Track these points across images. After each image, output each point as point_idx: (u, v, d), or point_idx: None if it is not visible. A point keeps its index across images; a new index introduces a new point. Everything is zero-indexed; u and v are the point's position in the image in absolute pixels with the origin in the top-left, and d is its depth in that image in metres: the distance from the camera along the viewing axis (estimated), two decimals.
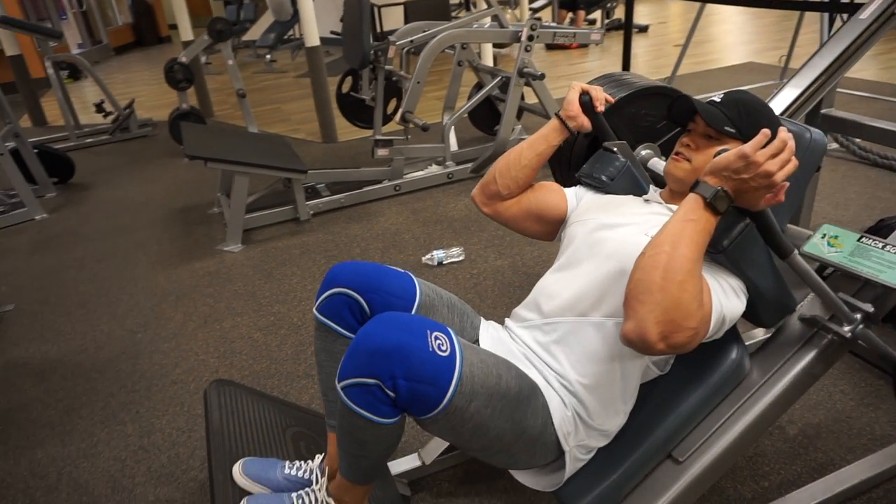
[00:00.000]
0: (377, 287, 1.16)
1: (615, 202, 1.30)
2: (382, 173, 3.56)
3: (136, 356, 2.29)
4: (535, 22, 3.27)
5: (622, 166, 1.37)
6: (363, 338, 0.96)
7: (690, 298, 0.90)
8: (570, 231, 1.28)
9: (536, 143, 1.34)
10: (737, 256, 1.05)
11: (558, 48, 7.49)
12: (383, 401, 0.94)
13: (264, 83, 7.07)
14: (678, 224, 0.94)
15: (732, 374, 1.17)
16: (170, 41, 11.42)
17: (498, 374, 1.03)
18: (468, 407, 0.97)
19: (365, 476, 1.10)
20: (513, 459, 1.12)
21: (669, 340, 0.90)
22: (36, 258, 3.16)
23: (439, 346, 0.96)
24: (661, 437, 1.15)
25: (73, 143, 4.99)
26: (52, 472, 1.78)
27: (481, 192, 1.39)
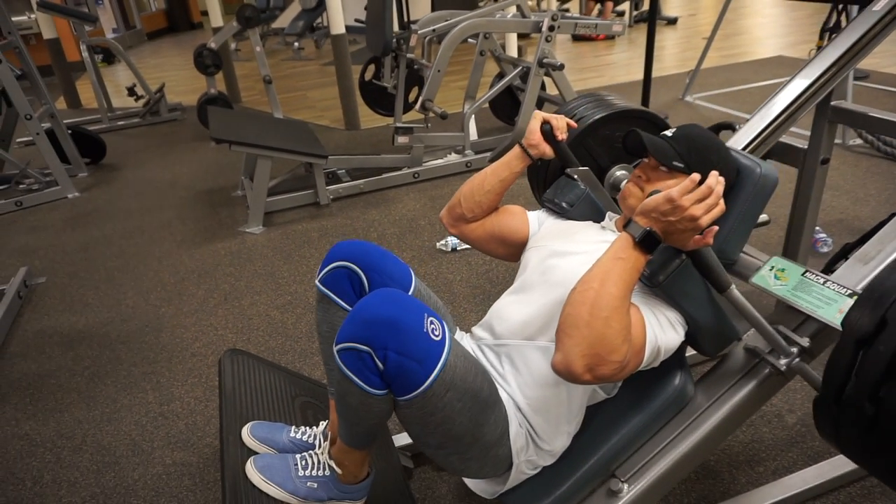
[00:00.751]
0: (378, 267, 1.22)
1: (572, 229, 1.33)
2: (402, 160, 3.62)
3: (158, 329, 2.38)
4: (556, 12, 3.29)
5: (582, 193, 1.41)
6: (363, 306, 1.00)
7: (615, 334, 0.93)
8: (526, 256, 1.33)
9: (499, 170, 1.37)
10: (673, 291, 1.08)
11: (584, 39, 7.45)
12: (372, 370, 0.98)
13: (291, 70, 7.17)
14: (608, 262, 0.97)
15: (676, 399, 1.20)
16: (201, 27, 11.60)
17: (475, 373, 1.08)
18: (444, 395, 1.00)
19: (360, 441, 1.16)
20: (464, 465, 1.14)
21: (595, 372, 0.93)
22: (67, 234, 3.29)
23: (433, 329, 1.00)
24: (605, 457, 1.18)
25: (106, 126, 5.14)
26: (77, 434, 1.88)
27: (448, 214, 1.44)
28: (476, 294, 2.44)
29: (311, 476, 1.20)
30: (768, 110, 1.65)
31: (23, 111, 3.50)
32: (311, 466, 1.20)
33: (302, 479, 1.19)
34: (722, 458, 1.59)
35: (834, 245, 2.49)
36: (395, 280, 1.22)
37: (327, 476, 1.20)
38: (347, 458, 1.19)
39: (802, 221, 1.83)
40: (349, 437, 1.15)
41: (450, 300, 2.41)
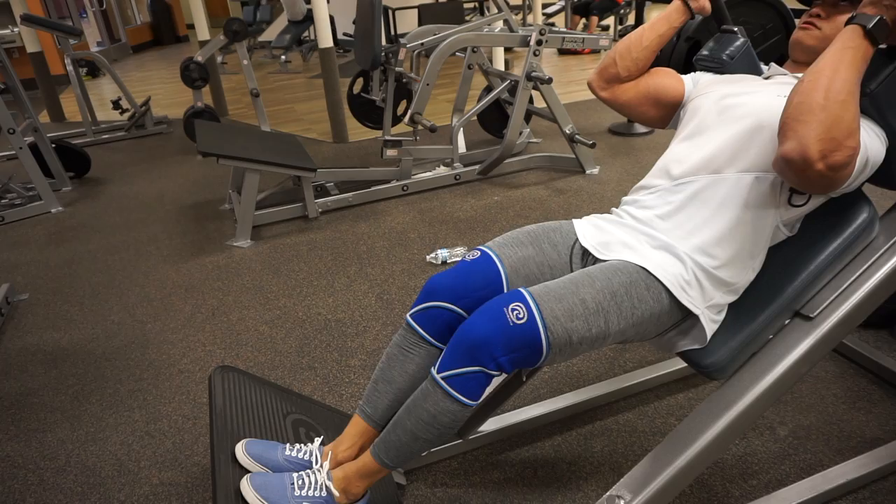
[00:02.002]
0: (465, 292, 1.23)
1: (736, 78, 1.34)
2: (391, 173, 3.61)
3: (144, 345, 2.35)
4: (543, 27, 3.32)
5: (742, 46, 1.40)
6: (462, 335, 1.10)
7: (852, 118, 0.94)
8: (694, 104, 1.33)
9: (658, 25, 1.38)
10: (882, 101, 1.07)
11: (570, 53, 7.53)
12: (483, 383, 1.10)
13: (278, 83, 7.16)
14: (837, 52, 0.98)
15: (863, 233, 1.19)
16: (187, 41, 11.58)
17: (581, 299, 1.10)
18: (570, 340, 1.09)
19: (406, 459, 1.20)
20: (644, 335, 1.21)
21: (829, 160, 0.93)
22: (51, 250, 3.24)
23: (517, 315, 1.06)
24: (790, 295, 1.18)
25: (90, 139, 5.09)
26: (61, 454, 1.84)
27: (599, 77, 1.44)
28: None
29: (308, 496, 1.18)
30: None
31: (5, 125, 3.46)
32: (307, 486, 1.19)
33: (298, 498, 1.17)
34: (715, 472, 1.59)
35: None
36: (483, 287, 1.23)
37: (323, 497, 1.19)
38: (367, 480, 1.21)
39: None
40: (398, 458, 1.19)
41: None
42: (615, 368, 2.01)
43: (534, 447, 1.72)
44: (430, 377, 1.13)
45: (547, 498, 1.56)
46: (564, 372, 2.02)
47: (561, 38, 3.40)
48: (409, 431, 1.16)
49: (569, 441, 1.74)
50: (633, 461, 1.63)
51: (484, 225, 3.14)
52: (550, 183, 3.64)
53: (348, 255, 2.94)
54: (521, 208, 3.31)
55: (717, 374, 1.23)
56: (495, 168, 3.68)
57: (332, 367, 2.13)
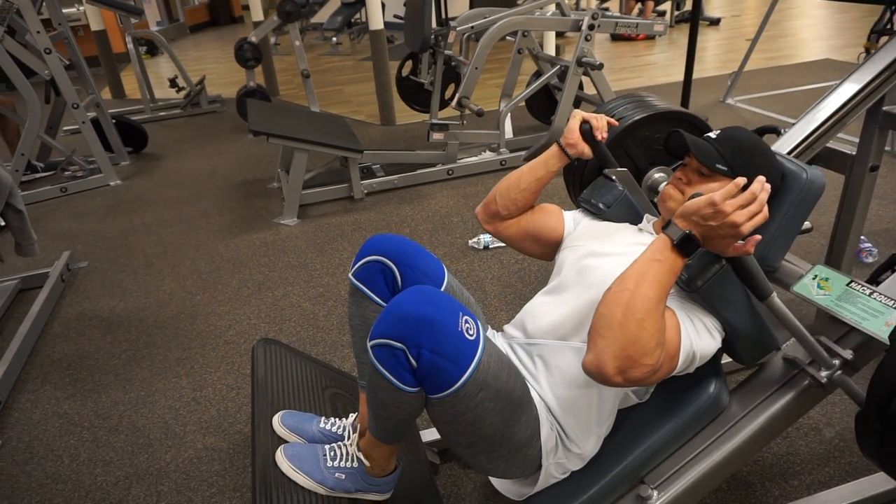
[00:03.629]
0: (411, 262, 1.21)
1: (609, 230, 1.31)
2: (436, 157, 3.62)
3: (193, 316, 2.43)
4: (597, 11, 3.25)
5: (619, 195, 1.39)
6: (398, 303, 1.00)
7: (648, 337, 0.91)
8: (562, 256, 1.31)
9: (536, 168, 1.36)
10: (711, 296, 1.06)
11: (624, 39, 7.35)
12: (406, 367, 0.97)
13: (328, 65, 7.23)
14: (644, 263, 0.95)
15: (710, 407, 1.17)
16: (242, 22, 11.78)
17: (508, 373, 1.07)
18: (476, 395, 1.00)
19: (389, 435, 1.16)
20: (493, 465, 1.14)
21: (626, 375, 0.91)
22: (109, 221, 3.38)
23: (468, 329, 0.99)
24: (634, 462, 1.16)
25: (148, 116, 5.26)
26: (114, 415, 1.93)
27: (483, 211, 1.43)
28: (507, 293, 2.44)
29: (340, 467, 1.21)
30: (816, 114, 1.60)
31: (70, 100, 3.61)
32: (339, 457, 1.21)
33: (330, 469, 1.20)
34: (755, 470, 1.56)
35: (879, 255, 2.41)
36: (427, 275, 1.22)
37: (355, 468, 1.21)
38: (376, 452, 1.20)
39: (848, 230, 1.77)
40: (379, 431, 1.15)
41: (481, 298, 2.40)
42: None
43: None
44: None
45: None
46: None
47: (614, 23, 3.33)
48: (373, 409, 1.11)
49: None
50: None
51: None
52: None
53: None
54: (565, 196, 3.26)
55: None
56: None
57: None
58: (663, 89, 5.20)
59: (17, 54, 3.36)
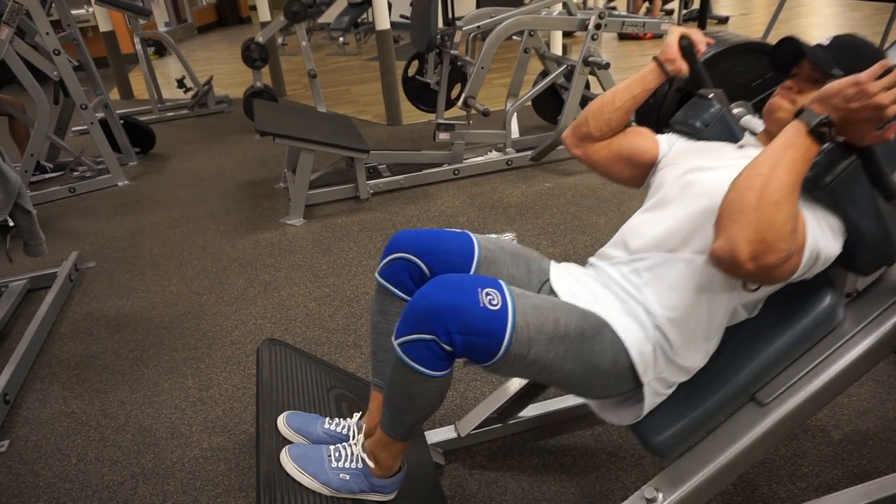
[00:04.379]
0: (435, 249, 1.20)
1: (708, 148, 1.29)
2: (442, 157, 3.62)
3: (200, 316, 2.44)
4: (603, 10, 3.23)
5: (717, 113, 1.35)
6: (418, 299, 1.02)
7: (784, 220, 0.89)
8: (660, 175, 1.29)
9: (632, 86, 1.34)
10: (839, 195, 1.02)
11: (631, 38, 7.32)
12: (439, 355, 1.00)
13: (335, 65, 7.25)
14: (778, 150, 0.93)
15: (824, 321, 1.13)
16: (249, 22, 11.83)
17: (555, 318, 1.05)
18: (528, 353, 1.01)
19: (406, 432, 1.16)
20: (588, 391, 1.17)
21: (760, 261, 0.89)
22: (117, 221, 3.40)
23: (490, 300, 0.99)
24: (745, 379, 1.14)
25: (156, 116, 5.29)
26: (121, 414, 1.94)
27: (573, 134, 1.40)
28: None
29: (344, 468, 1.21)
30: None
31: (79, 101, 3.63)
32: (344, 458, 1.21)
33: (335, 469, 1.20)
34: (762, 471, 1.54)
35: None
36: (454, 254, 1.20)
37: (360, 469, 1.21)
38: (385, 451, 1.20)
39: None
40: (395, 429, 1.16)
41: None
42: None
43: (574, 436, 1.71)
44: (392, 345, 1.06)
45: (585, 486, 1.55)
46: None
47: (621, 22, 3.31)
48: (392, 403, 1.12)
49: (610, 432, 1.72)
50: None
51: (534, 211, 3.11)
52: None
53: None
54: (572, 196, 3.27)
55: (662, 453, 1.17)
56: (548, 154, 3.63)
57: None
58: None
59: (27, 56, 3.39)
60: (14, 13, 3.24)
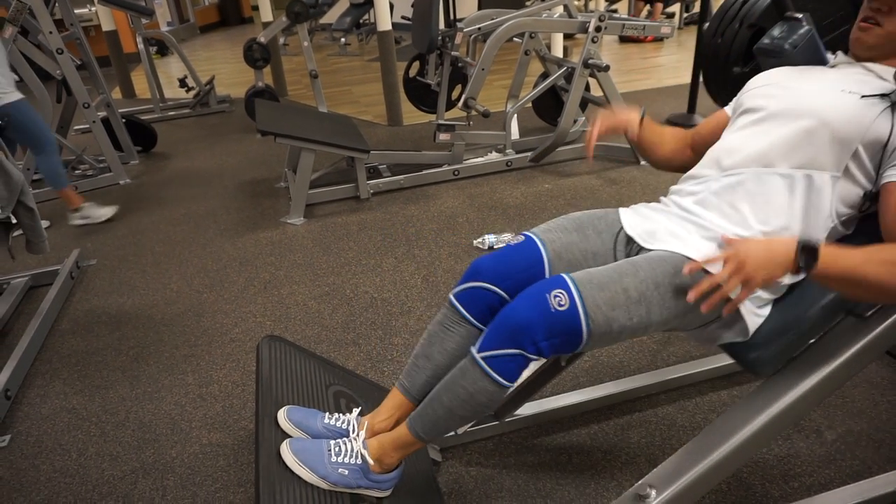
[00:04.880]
0: (510, 272, 1.25)
1: (798, 69, 1.31)
2: (442, 157, 3.64)
3: (200, 314, 2.46)
4: (604, 13, 3.25)
5: (807, 34, 1.34)
6: (504, 319, 1.13)
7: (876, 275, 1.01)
8: (748, 95, 1.31)
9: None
10: None
11: (632, 41, 7.34)
12: (521, 366, 1.13)
13: (337, 66, 7.27)
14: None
15: None
16: (251, 22, 11.86)
17: (623, 288, 1.10)
18: (611, 328, 1.10)
19: (440, 434, 1.25)
20: (690, 324, 1.21)
21: None
22: (118, 219, 3.41)
23: (559, 302, 1.08)
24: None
25: (158, 116, 5.31)
26: (121, 410, 1.96)
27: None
28: None
29: (343, 463, 1.22)
30: None
31: (81, 100, 3.65)
32: (343, 453, 1.23)
33: (334, 464, 1.22)
34: (755, 471, 1.56)
35: None
36: (525, 270, 1.25)
37: (358, 464, 1.23)
38: (402, 451, 1.26)
39: None
40: (433, 431, 1.23)
41: None
42: (658, 361, 1.99)
43: (570, 434, 1.73)
44: (470, 356, 1.15)
45: (580, 484, 1.56)
46: (605, 361, 2.01)
47: (621, 24, 3.33)
48: (446, 407, 1.19)
49: (605, 430, 1.73)
50: (669, 454, 1.60)
51: (533, 212, 3.13)
52: (603, 172, 3.59)
53: (397, 236, 2.99)
54: (571, 197, 3.28)
55: (760, 369, 1.20)
56: (548, 155, 3.65)
57: (376, 344, 2.18)
58: (671, 91, 5.19)
59: (30, 54, 3.41)
60: (18, 12, 3.26)
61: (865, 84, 1.15)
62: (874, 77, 1.18)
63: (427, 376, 1.29)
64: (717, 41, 1.36)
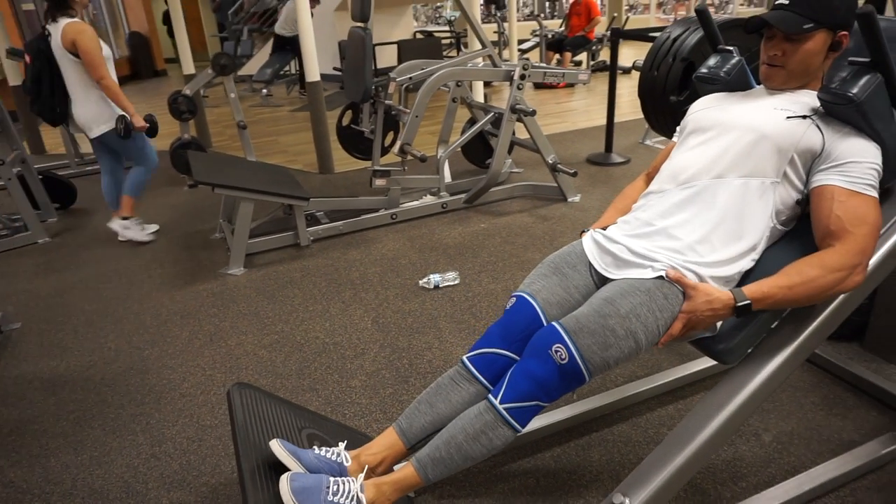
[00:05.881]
0: (515, 334, 1.41)
1: (732, 94, 1.50)
2: (379, 202, 3.71)
3: (144, 371, 2.37)
4: (526, 62, 3.49)
5: (738, 63, 1.54)
6: (522, 374, 1.30)
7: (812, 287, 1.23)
8: (693, 119, 1.48)
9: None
10: (868, 108, 1.23)
11: (546, 87, 7.79)
12: (535, 413, 1.31)
13: (260, 116, 7.25)
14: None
15: None
16: (165, 75, 11.63)
17: (611, 330, 1.26)
18: (607, 364, 1.27)
19: (444, 476, 1.34)
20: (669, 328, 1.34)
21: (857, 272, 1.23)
22: (40, 279, 3.24)
23: (560, 357, 1.26)
24: None
25: (74, 171, 5.10)
26: (66, 479, 1.85)
27: None
28: (461, 328, 2.52)
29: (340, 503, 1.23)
30: None
31: None
32: (340, 493, 1.24)
33: (330, 503, 1.23)
34: (707, 476, 1.68)
35: None
36: (527, 327, 1.39)
37: None
38: (403, 492, 1.33)
39: None
40: (441, 473, 1.33)
41: (436, 336, 2.47)
42: (607, 383, 2.11)
43: (534, 458, 1.80)
44: (493, 408, 1.30)
45: None
46: None
47: (542, 72, 3.58)
48: (463, 452, 1.31)
49: (567, 452, 1.82)
50: (630, 469, 1.70)
51: (473, 251, 3.24)
52: (534, 210, 3.77)
53: (342, 281, 3.01)
54: (507, 234, 3.43)
55: (727, 358, 1.36)
56: (481, 196, 3.80)
57: (333, 389, 2.18)
58: (587, 132, 5.55)
59: None
60: None
61: (794, 103, 1.35)
62: (797, 97, 1.38)
63: (425, 422, 1.39)
64: (653, 74, 1.56)
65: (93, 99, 3.32)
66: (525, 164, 4.61)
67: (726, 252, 1.33)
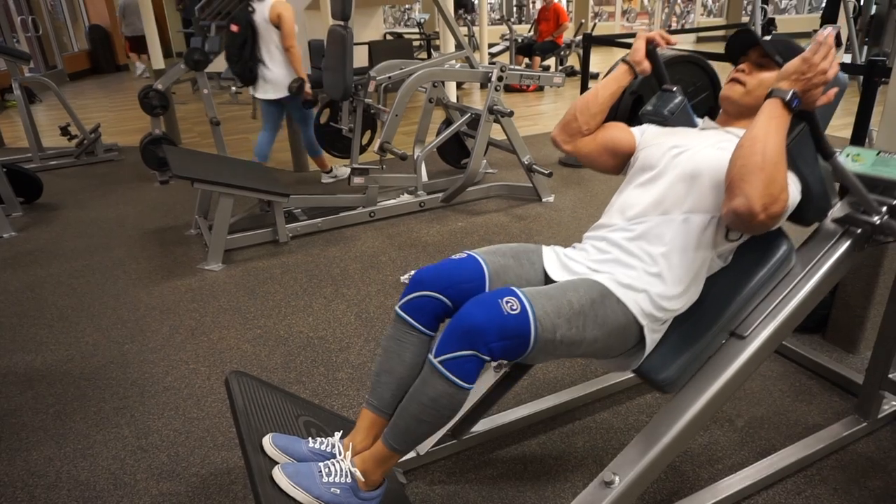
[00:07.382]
0: (453, 282, 1.34)
1: (676, 131, 1.55)
2: (358, 200, 3.74)
3: (125, 365, 2.35)
4: (504, 65, 3.57)
5: (680, 103, 1.63)
6: (457, 322, 1.19)
7: (783, 176, 1.18)
8: (644, 154, 1.52)
9: (609, 84, 1.58)
10: (795, 153, 1.31)
11: (516, 90, 7.91)
12: (477, 367, 1.19)
13: (229, 114, 7.17)
14: (766, 122, 1.20)
15: (783, 263, 1.42)
16: (127, 70, 11.36)
17: (568, 300, 1.24)
18: (555, 336, 1.21)
19: (411, 445, 1.30)
20: (609, 351, 1.36)
21: (769, 211, 1.17)
22: (8, 274, 3.16)
23: (511, 307, 1.18)
24: (727, 317, 1.39)
25: (37, 165, 4.96)
26: (50, 472, 1.83)
27: (563, 132, 1.62)
28: None
29: (335, 482, 1.27)
30: None
31: None
32: (334, 473, 1.28)
33: (326, 484, 1.26)
34: (685, 459, 1.77)
35: None
36: (468, 280, 1.34)
37: (349, 483, 1.28)
38: (381, 466, 1.30)
39: None
40: (404, 442, 1.28)
41: None
42: (588, 374, 2.19)
43: (522, 445, 1.86)
44: (429, 362, 1.22)
45: (539, 489, 1.69)
46: (542, 378, 2.18)
47: (519, 75, 3.67)
48: (414, 416, 1.25)
49: (553, 439, 1.88)
50: (613, 454, 1.77)
51: (451, 248, 3.30)
52: (510, 210, 3.85)
53: (322, 277, 3.02)
54: (484, 233, 3.50)
55: (668, 387, 1.41)
56: (458, 196, 3.86)
57: (321, 381, 2.21)
58: None
59: None
60: None
61: (730, 142, 1.40)
62: (734, 136, 1.44)
63: (392, 390, 1.35)
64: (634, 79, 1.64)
65: (284, 63, 3.90)
66: (499, 165, 4.69)
67: (675, 288, 1.36)
